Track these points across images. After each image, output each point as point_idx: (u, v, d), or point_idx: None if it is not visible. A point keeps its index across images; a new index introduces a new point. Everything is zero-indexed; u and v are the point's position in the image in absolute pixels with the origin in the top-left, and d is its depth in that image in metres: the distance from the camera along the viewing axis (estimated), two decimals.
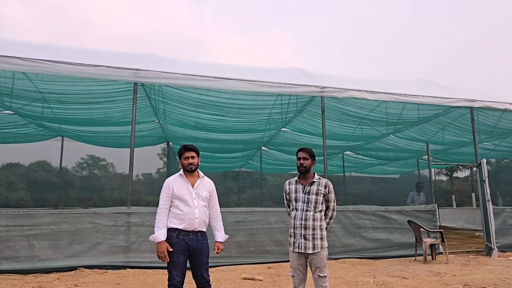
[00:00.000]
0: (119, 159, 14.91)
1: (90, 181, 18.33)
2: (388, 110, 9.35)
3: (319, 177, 3.50)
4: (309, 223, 3.34)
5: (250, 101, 8.39)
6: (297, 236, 3.37)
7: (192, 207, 3.33)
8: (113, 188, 18.23)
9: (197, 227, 3.33)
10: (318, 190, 3.40)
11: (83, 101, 8.13)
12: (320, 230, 3.36)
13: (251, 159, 16.79)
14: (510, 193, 16.34)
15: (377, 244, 7.73)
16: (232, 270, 6.32)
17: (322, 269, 3.32)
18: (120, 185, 17.58)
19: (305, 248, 3.32)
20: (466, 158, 14.89)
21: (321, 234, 3.35)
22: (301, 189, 3.46)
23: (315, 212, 3.37)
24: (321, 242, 3.33)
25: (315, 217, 3.36)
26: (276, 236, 7.18)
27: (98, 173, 20.03)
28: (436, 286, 5.11)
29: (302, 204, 3.41)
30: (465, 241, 11.22)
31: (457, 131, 11.09)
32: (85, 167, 19.13)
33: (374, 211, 7.92)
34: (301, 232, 3.35)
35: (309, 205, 3.38)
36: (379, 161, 16.41)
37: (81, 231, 6.27)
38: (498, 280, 5.42)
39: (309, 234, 3.32)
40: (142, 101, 8.27)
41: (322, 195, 3.40)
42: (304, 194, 3.42)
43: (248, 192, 20.34)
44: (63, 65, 6.50)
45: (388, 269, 6.44)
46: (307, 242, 3.32)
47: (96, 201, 17.01)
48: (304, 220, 3.36)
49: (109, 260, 6.24)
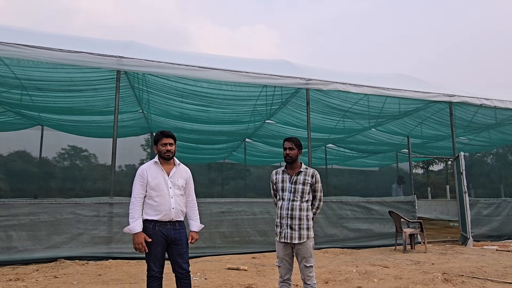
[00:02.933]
0: (102, 149, 14.46)
1: (71, 172, 17.76)
2: (371, 104, 9.37)
3: (306, 167, 3.40)
4: (295, 213, 3.25)
5: (235, 92, 8.22)
6: (284, 226, 3.27)
7: (168, 197, 3.13)
8: (96, 179, 17.73)
9: (174, 217, 3.15)
10: (305, 180, 3.31)
11: (63, 88, 7.77)
12: (307, 220, 3.27)
13: (235, 151, 16.64)
14: (482, 186, 16.83)
15: (359, 234, 7.76)
16: (217, 260, 6.20)
17: (308, 259, 3.25)
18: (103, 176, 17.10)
19: (291, 238, 3.23)
20: (442, 152, 15.19)
21: (308, 224, 3.27)
22: (288, 179, 3.36)
23: (302, 202, 3.28)
24: (307, 232, 3.25)
25: (302, 207, 3.26)
26: (260, 227, 7.10)
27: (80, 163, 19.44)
28: (416, 274, 5.13)
29: (288, 194, 3.31)
30: (441, 231, 11.48)
31: (435, 125, 11.25)
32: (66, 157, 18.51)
33: (356, 202, 7.95)
34: (288, 222, 3.26)
35: (296, 195, 3.28)
36: (360, 154, 16.56)
37: (61, 222, 6.01)
38: (474, 268, 5.51)
39: (296, 224, 3.23)
40: (125, 90, 7.98)
41: (309, 185, 3.31)
42: (291, 184, 3.32)
43: (231, 183, 20.20)
44: (42, 50, 6.17)
45: (370, 258, 6.47)
46: (293, 232, 3.23)
47: (77, 192, 16.51)
48: (290, 210, 3.26)
49: (91, 251, 6.02)
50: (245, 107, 9.36)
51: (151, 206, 3.12)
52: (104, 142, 12.89)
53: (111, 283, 4.64)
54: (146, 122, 11.04)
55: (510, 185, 15.72)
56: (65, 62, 6.32)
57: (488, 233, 8.72)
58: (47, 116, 9.80)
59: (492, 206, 8.98)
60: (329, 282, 4.67)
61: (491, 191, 15.38)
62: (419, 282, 4.65)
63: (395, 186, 10.44)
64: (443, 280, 4.74)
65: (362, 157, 17.40)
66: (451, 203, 16.32)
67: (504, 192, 15.00)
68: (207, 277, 4.97)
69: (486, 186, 16.46)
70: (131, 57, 6.60)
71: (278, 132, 11.91)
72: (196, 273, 5.12)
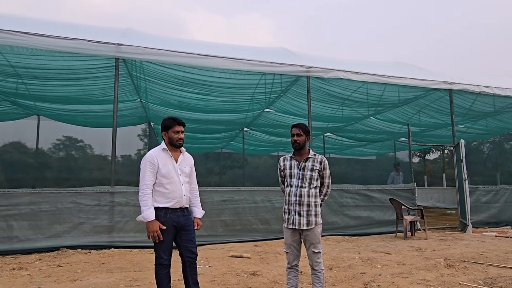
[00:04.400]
0: (98, 140, 14.36)
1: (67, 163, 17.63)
2: (370, 92, 9.34)
3: (314, 154, 3.38)
4: (303, 200, 3.24)
5: (234, 80, 8.15)
6: (292, 213, 3.27)
7: (179, 184, 3.13)
8: (92, 169, 17.64)
9: (184, 204, 3.17)
10: (313, 166, 3.29)
11: (60, 77, 7.64)
12: (315, 207, 3.26)
13: (233, 140, 16.59)
14: (479, 174, 16.95)
15: (359, 221, 7.82)
16: (219, 248, 6.23)
17: (316, 245, 3.25)
18: (99, 166, 17.02)
19: (299, 225, 3.22)
20: (439, 140, 15.27)
21: (316, 211, 3.26)
22: (296, 165, 3.34)
23: (310, 188, 3.26)
24: (316, 219, 3.24)
25: (310, 193, 3.25)
26: (262, 215, 7.12)
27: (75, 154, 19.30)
28: (418, 260, 5.19)
29: (296, 180, 3.29)
30: (438, 218, 11.61)
31: (434, 113, 11.27)
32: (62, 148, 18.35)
33: (357, 190, 7.98)
34: (296, 208, 3.25)
35: (304, 181, 3.26)
36: (358, 142, 16.59)
37: (62, 211, 5.98)
38: (475, 254, 5.58)
39: (304, 210, 3.23)
40: (123, 79, 7.85)
41: (317, 171, 3.29)
42: (299, 170, 3.30)
43: (229, 173, 20.19)
44: (38, 37, 6.04)
45: (371, 245, 6.52)
46: (301, 218, 3.22)
47: (73, 182, 16.42)
48: (298, 196, 3.25)
49: (93, 240, 6.01)
50: (244, 96, 9.30)
51: (161, 193, 3.09)
52: (100, 132, 12.79)
53: (116, 271, 4.64)
54: (144, 112, 10.94)
55: (506, 172, 15.87)
56: (63, 50, 6.21)
57: (487, 219, 8.82)
58: (43, 106, 9.66)
59: (490, 193, 9.07)
60: (333, 269, 4.71)
61: (488, 179, 15.52)
62: (422, 268, 4.70)
63: (393, 174, 10.45)
64: (445, 266, 4.79)
65: (360, 146, 17.44)
66: (448, 191, 16.49)
67: (500, 179, 15.15)
68: (211, 265, 4.98)
69: (482, 174, 16.61)
70: (130, 45, 6.49)
71: (277, 121, 11.87)
72: (200, 261, 5.13)
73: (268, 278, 4.30)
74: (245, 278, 4.30)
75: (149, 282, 4.09)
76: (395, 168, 10.57)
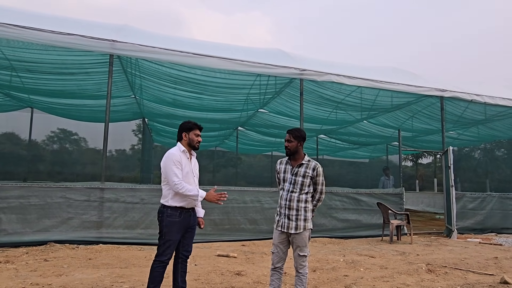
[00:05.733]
0: (92, 133, 14.33)
1: (61, 155, 17.57)
2: (363, 96, 9.44)
3: (309, 159, 3.40)
4: (293, 204, 3.29)
5: (229, 80, 8.20)
6: (282, 216, 3.35)
7: (194, 185, 3.27)
8: (85, 163, 17.60)
9: (195, 204, 3.32)
10: (305, 172, 3.32)
11: (54, 71, 7.65)
12: (304, 212, 3.30)
13: (227, 139, 16.64)
14: (469, 180, 17.15)
15: (347, 224, 7.91)
16: (207, 247, 6.28)
17: (302, 248, 3.29)
18: (92, 160, 16.98)
19: (288, 228, 3.29)
20: (431, 146, 15.42)
21: (305, 216, 3.30)
22: (290, 170, 3.39)
23: (301, 194, 3.30)
24: (304, 223, 3.29)
25: (300, 199, 3.30)
26: (250, 215, 7.18)
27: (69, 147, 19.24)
28: (401, 264, 5.28)
29: (288, 185, 3.35)
30: (427, 223, 11.74)
31: (426, 119, 11.40)
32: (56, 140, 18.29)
33: (346, 193, 8.07)
34: (285, 212, 3.32)
35: (295, 187, 3.32)
36: (351, 145, 16.72)
37: (51, 206, 6.00)
38: (457, 260, 5.68)
39: (293, 214, 3.29)
40: (118, 75, 7.88)
41: (309, 177, 3.32)
42: (292, 175, 3.36)
43: (222, 171, 20.25)
44: (33, 31, 6.05)
45: (357, 248, 6.61)
46: (290, 222, 3.29)
47: (67, 175, 16.37)
48: (288, 200, 3.31)
49: (81, 235, 6.04)
50: (239, 96, 9.35)
51: (179, 192, 3.17)
52: (94, 126, 12.76)
53: (102, 267, 4.68)
54: (138, 108, 10.96)
55: (495, 180, 16.06)
56: (57, 44, 6.22)
57: (472, 226, 8.96)
58: (37, 99, 9.65)
59: (477, 200, 9.20)
60: (317, 271, 4.79)
61: (477, 186, 15.70)
62: (403, 272, 4.79)
63: (383, 178, 10.55)
64: (426, 271, 4.89)
65: (353, 148, 17.57)
66: (438, 196, 16.64)
67: (489, 186, 15.34)
68: (197, 263, 5.04)
69: (472, 180, 16.80)
70: (124, 41, 6.51)
71: (271, 121, 11.94)
72: None
73: (252, 278, 4.37)
74: (229, 278, 4.36)
75: (134, 279, 4.15)
76: (384, 172, 10.68)
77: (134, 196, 6.44)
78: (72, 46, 6.27)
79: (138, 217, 6.40)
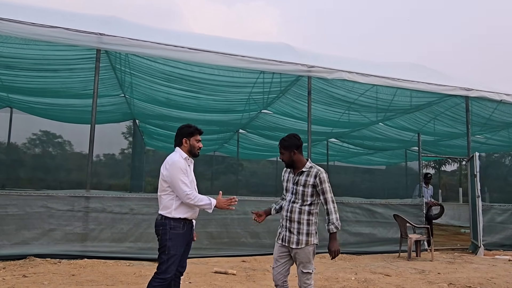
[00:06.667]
0: (78, 136, 14.39)
1: (43, 160, 17.71)
2: (379, 96, 9.45)
3: (311, 166, 3.39)
4: (294, 216, 3.32)
5: (228, 78, 8.26)
6: (283, 228, 3.39)
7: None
8: (70, 169, 17.73)
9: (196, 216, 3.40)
10: (306, 181, 3.32)
11: (36, 67, 7.74)
12: (307, 225, 3.30)
13: (227, 143, 16.70)
14: (498, 190, 17.04)
15: (360, 238, 7.90)
16: (203, 262, 6.31)
17: (306, 264, 3.30)
18: (78, 166, 17.08)
19: (289, 242, 3.31)
20: (456, 151, 15.37)
21: (308, 230, 3.30)
22: (292, 178, 3.43)
23: (303, 205, 3.31)
24: (307, 238, 3.29)
25: (302, 210, 3.31)
26: (252, 228, 7.20)
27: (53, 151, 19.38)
28: (420, 284, 5.28)
29: (290, 195, 3.40)
30: (450, 237, 11.70)
31: (450, 122, 11.38)
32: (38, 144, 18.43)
33: (359, 204, 8.07)
34: (286, 224, 3.35)
35: (297, 197, 3.34)
36: (366, 150, 16.70)
37: (31, 216, 6.06)
38: (483, 279, 5.67)
39: (294, 227, 3.31)
40: (105, 72, 7.97)
41: (310, 186, 3.31)
42: (293, 185, 3.39)
43: (222, 178, 20.30)
44: (12, 23, 6.12)
45: (371, 265, 6.61)
46: (291, 235, 3.31)
47: (50, 182, 16.47)
48: (289, 212, 3.34)
49: (64, 248, 6.09)
50: (240, 95, 9.41)
51: (184, 203, 3.23)
52: (80, 128, 12.84)
53: (86, 284, 4.72)
54: (128, 108, 11.05)
55: None
56: (39, 38, 6.30)
57: (501, 241, 8.90)
58: (16, 98, 9.76)
59: (507, 212, 9.15)
60: None
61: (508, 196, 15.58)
62: None
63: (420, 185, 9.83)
64: None
65: (368, 154, 17.55)
66: (463, 208, 16.55)
67: None
68: (192, 281, 5.07)
69: (503, 190, 16.66)
70: (113, 35, 6.58)
71: (275, 123, 11.98)
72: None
73: None
74: None
75: None
76: (425, 179, 9.81)
77: (123, 206, 6.48)
78: (55, 40, 6.35)
79: (127, 229, 6.44)
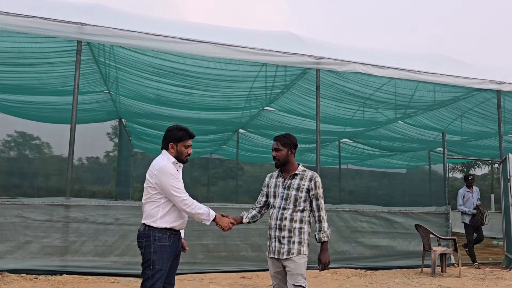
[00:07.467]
0: (57, 137, 14.52)
1: (19, 165, 17.86)
2: (398, 90, 9.47)
3: (304, 169, 3.51)
4: (285, 224, 3.36)
5: (226, 71, 8.32)
6: (272, 239, 3.42)
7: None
8: (49, 174, 17.87)
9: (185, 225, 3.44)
10: (300, 184, 3.40)
11: (10, 61, 7.83)
12: (300, 234, 3.36)
13: (225, 144, 16.76)
14: None
15: (377, 252, 7.91)
16: (198, 279, 6.35)
17: (296, 277, 3.31)
18: (58, 170, 17.23)
19: (279, 253, 3.35)
20: (486, 152, 15.33)
21: (300, 238, 3.36)
22: (281, 183, 3.48)
23: (294, 211, 3.38)
24: (299, 247, 3.34)
25: (294, 217, 3.37)
26: (253, 240, 7.24)
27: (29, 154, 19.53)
28: None
29: (280, 201, 3.43)
30: (481, 250, 11.65)
31: (479, 119, 11.37)
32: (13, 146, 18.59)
33: (375, 212, 8.09)
34: (276, 233, 3.39)
35: (288, 202, 3.39)
36: (383, 152, 16.70)
37: (5, 227, 6.13)
38: None
39: (285, 236, 3.35)
40: (88, 65, 8.06)
41: (305, 190, 3.40)
42: (284, 189, 3.44)
43: (219, 184, 20.38)
44: None
45: (389, 282, 6.62)
46: (281, 246, 3.35)
47: (26, 189, 16.65)
48: (279, 219, 3.38)
49: (41, 263, 6.15)
50: (239, 90, 9.46)
51: (172, 211, 3.26)
52: (60, 128, 12.95)
53: None
54: (114, 106, 11.13)
55: None
56: (12, 29, 6.38)
57: None
58: None
59: None
60: None
61: None
62: None
63: (463, 191, 9.60)
64: None
65: (386, 156, 17.54)
66: (496, 217, 16.48)
67: None
68: None
69: None
70: (95, 25, 6.65)
71: (280, 122, 12.03)
72: None
73: None
74: None
75: None
76: (466, 182, 9.52)
77: (107, 216, 6.54)
78: (31, 31, 6.43)
79: (111, 241, 6.49)
